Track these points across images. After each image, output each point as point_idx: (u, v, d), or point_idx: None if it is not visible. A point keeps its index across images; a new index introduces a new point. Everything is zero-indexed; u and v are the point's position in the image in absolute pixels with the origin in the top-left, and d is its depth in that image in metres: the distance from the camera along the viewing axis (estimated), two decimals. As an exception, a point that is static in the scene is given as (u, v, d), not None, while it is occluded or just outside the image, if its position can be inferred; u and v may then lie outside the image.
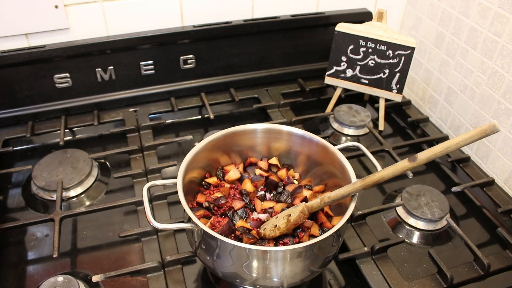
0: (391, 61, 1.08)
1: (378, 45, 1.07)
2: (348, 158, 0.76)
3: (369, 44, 1.08)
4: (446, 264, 0.77)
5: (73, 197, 0.94)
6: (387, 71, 1.11)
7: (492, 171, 1.03)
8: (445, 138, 1.10)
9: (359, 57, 1.10)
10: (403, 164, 0.64)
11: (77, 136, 1.12)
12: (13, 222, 0.85)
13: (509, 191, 0.98)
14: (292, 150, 0.86)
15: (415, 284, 0.76)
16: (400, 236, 0.88)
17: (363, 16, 1.21)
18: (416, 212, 0.88)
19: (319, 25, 1.20)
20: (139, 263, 0.79)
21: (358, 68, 1.13)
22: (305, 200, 0.78)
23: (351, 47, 1.10)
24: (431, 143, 1.08)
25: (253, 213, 0.77)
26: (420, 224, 0.89)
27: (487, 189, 0.96)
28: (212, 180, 0.82)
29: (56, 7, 1.01)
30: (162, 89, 1.19)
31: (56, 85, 1.08)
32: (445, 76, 1.15)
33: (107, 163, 1.04)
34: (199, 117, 1.18)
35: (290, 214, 0.71)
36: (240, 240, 0.71)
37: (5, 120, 1.09)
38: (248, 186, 0.81)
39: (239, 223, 0.74)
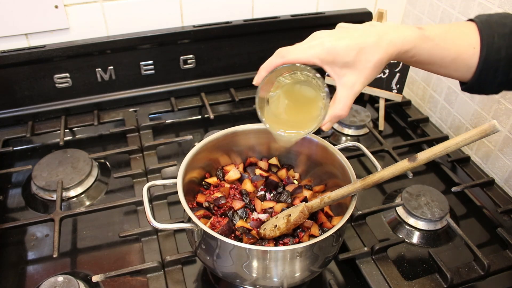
0: (391, 61, 1.08)
1: (378, 45, 1.07)
2: (348, 158, 0.76)
3: (369, 44, 1.08)
4: (446, 264, 0.77)
5: (73, 197, 0.94)
6: (387, 71, 1.11)
7: (492, 171, 1.03)
8: (445, 138, 1.10)
9: (359, 57, 1.10)
10: (403, 164, 0.64)
11: (77, 136, 1.12)
12: (13, 222, 0.85)
13: (509, 191, 0.98)
14: (292, 150, 0.86)
15: (415, 284, 0.76)
16: (400, 236, 0.88)
17: (363, 16, 1.21)
18: (416, 212, 0.88)
19: (319, 25, 1.19)
20: (139, 263, 0.79)
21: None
22: (305, 200, 0.78)
23: (351, 47, 1.10)
24: (431, 143, 1.08)
25: (253, 213, 0.77)
26: (420, 224, 0.89)
27: (487, 189, 0.96)
28: (212, 180, 0.82)
29: (56, 7, 1.01)
30: (162, 89, 1.19)
31: (56, 85, 1.08)
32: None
33: (107, 163, 1.04)
34: (199, 117, 1.18)
35: (290, 214, 0.71)
36: (240, 240, 0.71)
37: (5, 120, 1.09)
38: (248, 186, 0.81)
39: (239, 223, 0.74)
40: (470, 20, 0.64)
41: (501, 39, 0.61)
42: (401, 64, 1.08)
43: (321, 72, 0.63)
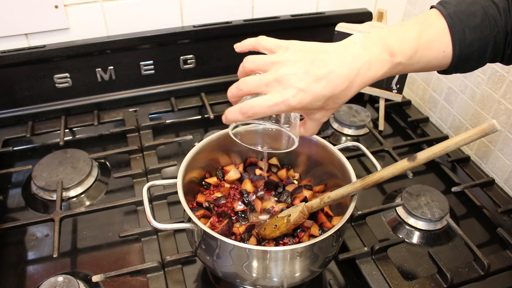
0: None
1: (378, 45, 1.07)
2: (348, 158, 0.76)
3: (369, 44, 1.08)
4: (446, 264, 0.77)
5: (73, 197, 0.94)
6: (387, 71, 1.10)
7: (492, 171, 1.03)
8: (445, 138, 1.10)
9: (359, 57, 1.10)
10: (402, 164, 0.64)
11: (77, 136, 1.12)
12: (13, 222, 0.85)
13: (509, 191, 0.98)
14: (292, 150, 0.85)
15: (415, 284, 0.76)
16: (400, 236, 0.88)
17: (363, 16, 1.21)
18: (416, 212, 0.88)
19: (319, 25, 1.20)
20: (139, 263, 0.79)
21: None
22: (305, 200, 0.78)
23: (351, 47, 1.10)
24: (431, 143, 1.08)
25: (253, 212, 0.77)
26: (420, 224, 0.89)
27: (487, 189, 0.96)
28: (212, 180, 0.82)
29: (56, 7, 1.01)
30: (162, 89, 1.19)
31: (56, 85, 1.08)
32: (445, 76, 1.15)
33: (107, 163, 1.04)
34: (199, 117, 1.18)
35: (290, 214, 0.71)
36: (241, 240, 0.71)
37: (5, 120, 1.09)
38: (248, 186, 0.81)
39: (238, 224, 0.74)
40: (438, 9, 0.61)
41: (472, 32, 0.59)
42: (401, 64, 1.08)
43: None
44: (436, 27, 0.60)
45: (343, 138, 1.14)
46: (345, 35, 1.09)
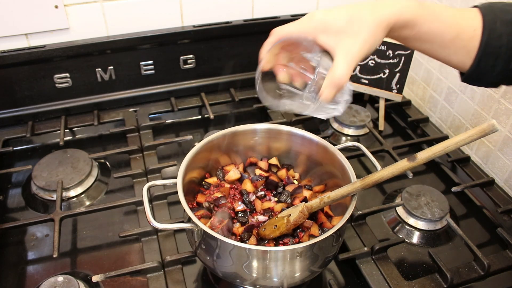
0: (391, 61, 1.08)
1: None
2: (348, 158, 0.76)
3: (369, 44, 1.08)
4: (446, 264, 0.77)
5: (73, 197, 0.94)
6: (387, 71, 1.11)
7: (492, 171, 1.03)
8: (445, 138, 1.10)
9: (359, 57, 1.10)
10: (402, 164, 0.64)
11: (77, 136, 1.12)
12: (13, 222, 0.85)
13: (509, 191, 0.98)
14: (292, 150, 0.86)
15: (415, 284, 0.76)
16: (400, 236, 0.88)
17: (363, 16, 1.21)
18: (416, 212, 0.88)
19: (319, 25, 1.20)
20: (139, 263, 0.79)
21: (358, 68, 1.13)
22: (305, 200, 0.78)
23: (351, 47, 1.10)
24: (431, 143, 1.08)
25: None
26: (420, 224, 0.89)
27: (487, 189, 0.96)
28: (212, 180, 0.82)
29: (56, 7, 1.01)
30: (162, 89, 1.19)
31: (56, 85, 1.08)
32: (445, 76, 1.15)
33: (107, 163, 1.04)
34: (199, 117, 1.18)
35: (290, 214, 0.71)
36: (241, 239, 0.71)
37: (5, 120, 1.09)
38: (248, 186, 0.81)
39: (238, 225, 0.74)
40: (473, 6, 0.63)
41: (504, 25, 0.60)
42: (401, 64, 1.08)
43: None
44: (469, 10, 0.62)
45: (343, 138, 1.14)
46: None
